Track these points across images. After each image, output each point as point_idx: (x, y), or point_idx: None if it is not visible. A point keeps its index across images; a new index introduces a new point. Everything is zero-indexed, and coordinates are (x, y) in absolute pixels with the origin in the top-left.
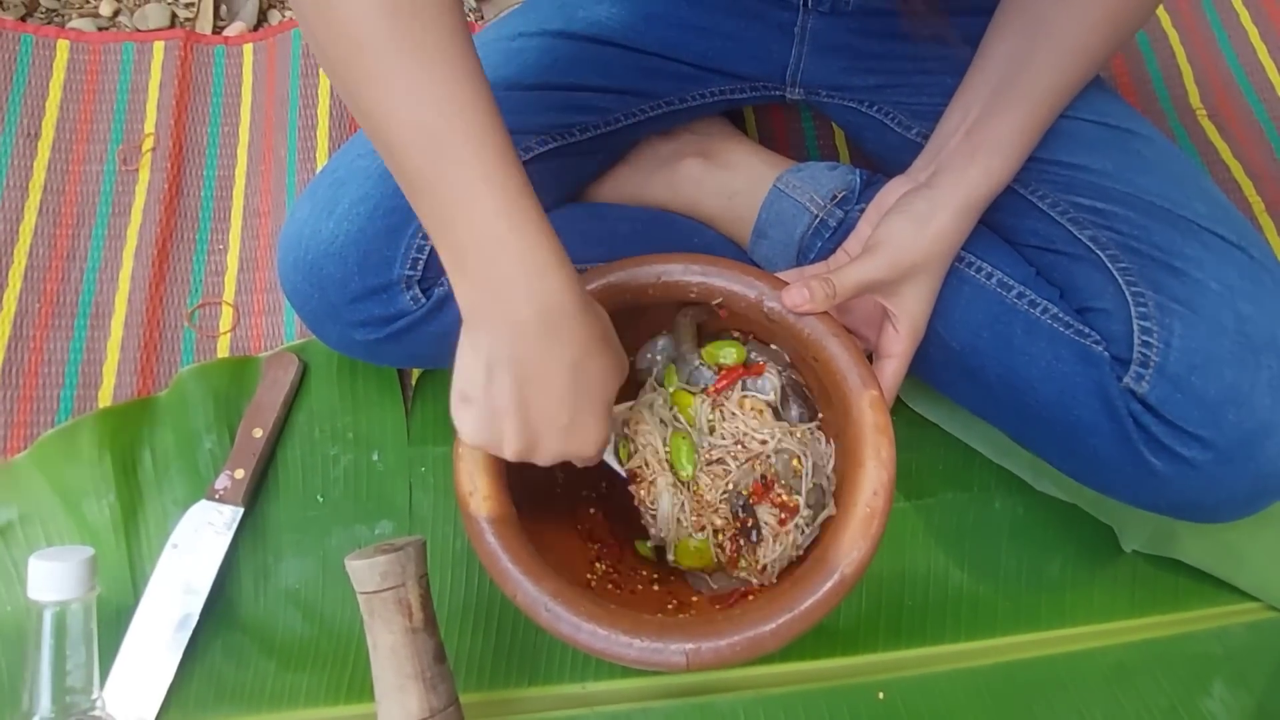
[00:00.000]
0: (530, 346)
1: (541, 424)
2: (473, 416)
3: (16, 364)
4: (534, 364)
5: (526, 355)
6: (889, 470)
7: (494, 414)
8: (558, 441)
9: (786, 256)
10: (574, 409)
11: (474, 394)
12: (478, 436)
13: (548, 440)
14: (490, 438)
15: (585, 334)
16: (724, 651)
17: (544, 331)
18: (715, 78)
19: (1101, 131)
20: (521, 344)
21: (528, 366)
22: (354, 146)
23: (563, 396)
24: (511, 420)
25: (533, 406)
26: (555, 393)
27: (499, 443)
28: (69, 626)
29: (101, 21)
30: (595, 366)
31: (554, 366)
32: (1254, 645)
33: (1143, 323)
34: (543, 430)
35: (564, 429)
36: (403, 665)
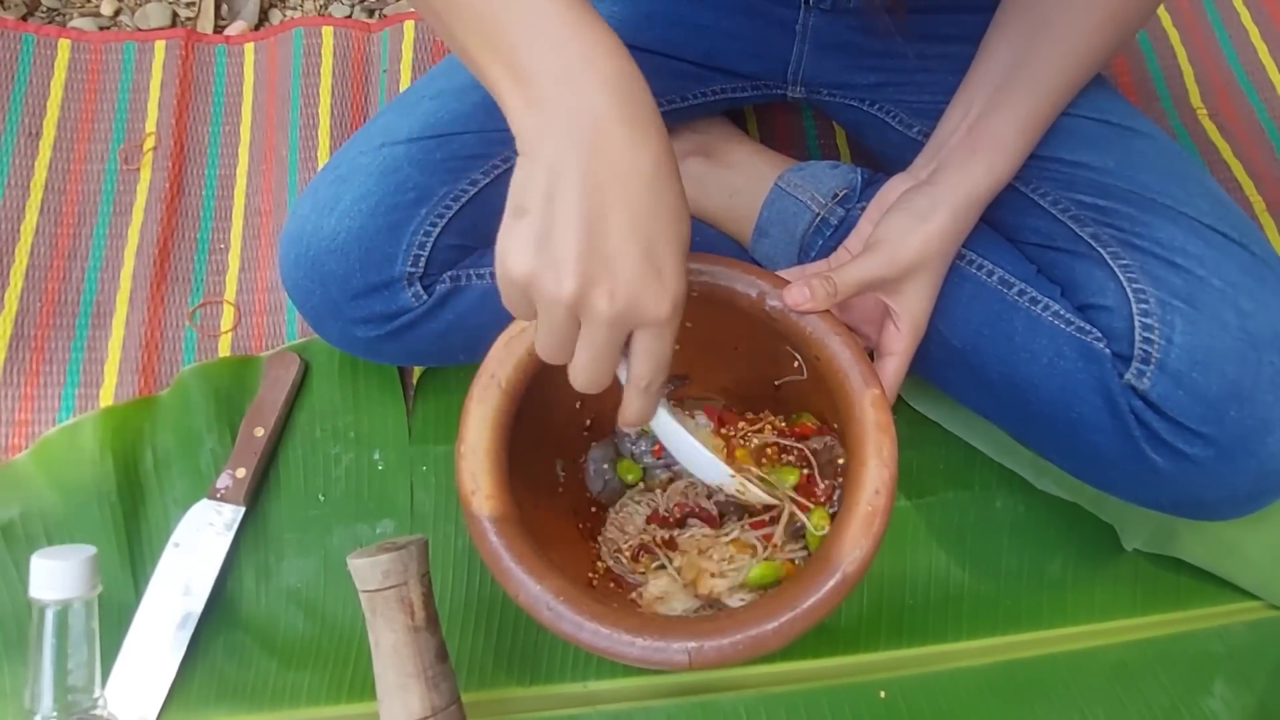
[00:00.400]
0: (606, 148)
1: (613, 244)
2: (527, 231)
3: (18, 363)
4: (611, 159)
5: (602, 148)
6: (891, 469)
7: (555, 225)
8: (629, 275)
9: (788, 255)
10: (651, 235)
11: (531, 203)
12: (528, 259)
13: (616, 271)
14: (544, 260)
15: (664, 138)
16: (726, 650)
17: (623, 118)
18: (716, 76)
19: (1102, 129)
20: (596, 147)
21: (603, 162)
22: (356, 144)
23: (641, 212)
24: (576, 233)
25: (605, 219)
26: (633, 204)
27: (555, 266)
28: (70, 625)
29: (103, 21)
30: (673, 192)
31: (633, 168)
32: (1255, 644)
33: (1144, 319)
34: (613, 254)
35: (639, 259)
36: (404, 664)
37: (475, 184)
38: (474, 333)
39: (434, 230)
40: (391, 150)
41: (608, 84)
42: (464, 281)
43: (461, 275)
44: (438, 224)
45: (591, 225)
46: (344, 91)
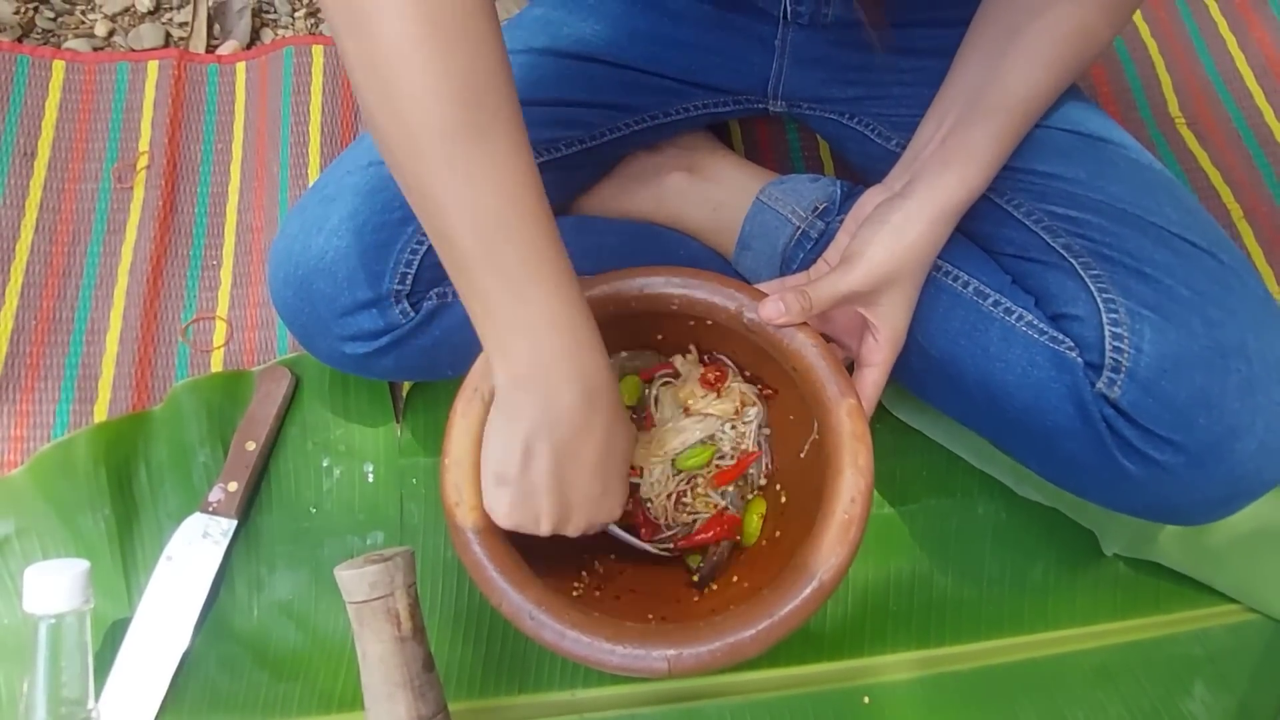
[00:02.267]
0: (569, 424)
1: (577, 497)
2: (509, 497)
3: (13, 379)
4: (573, 440)
5: (566, 433)
6: (866, 478)
7: (531, 493)
8: (589, 512)
9: (770, 267)
10: (605, 478)
11: (510, 475)
12: (513, 517)
13: (580, 511)
14: (526, 516)
15: (612, 404)
16: (705, 657)
17: (582, 406)
18: (698, 92)
19: (1075, 140)
20: (561, 423)
21: (567, 444)
22: (343, 164)
23: (596, 468)
24: (548, 498)
25: (569, 482)
26: (590, 466)
27: (536, 520)
28: (64, 638)
29: (96, 42)
30: (621, 434)
31: (589, 441)
32: (1234, 647)
33: (1114, 329)
34: (577, 503)
35: (596, 499)
36: (391, 674)
37: None
38: (460, 348)
39: (420, 248)
40: (379, 170)
41: (574, 379)
42: (450, 298)
43: (448, 292)
44: (424, 242)
45: (560, 488)
46: (334, 109)
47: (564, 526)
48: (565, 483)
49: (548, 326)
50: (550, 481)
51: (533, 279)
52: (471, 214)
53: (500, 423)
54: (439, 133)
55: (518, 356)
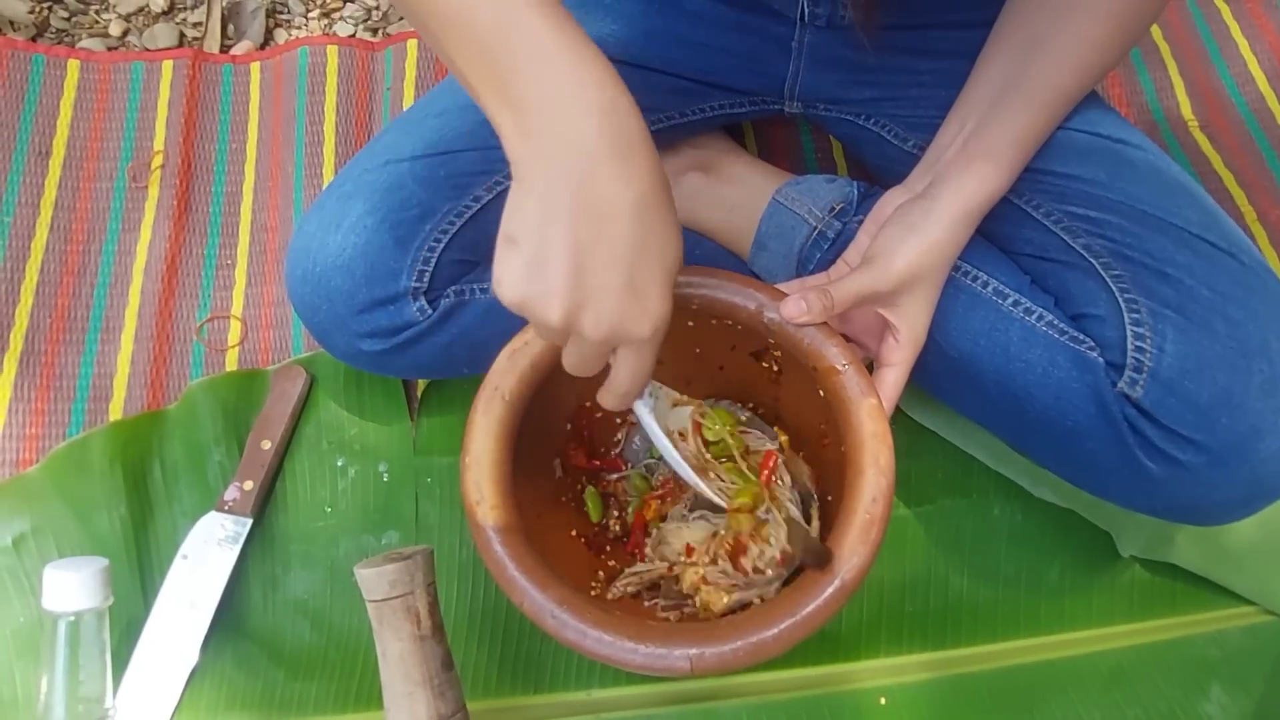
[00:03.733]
0: (595, 180)
1: (598, 275)
2: (518, 261)
3: (28, 378)
4: (598, 193)
5: (589, 189)
6: (888, 477)
7: (544, 256)
8: (611, 304)
9: (786, 268)
10: (634, 265)
11: (522, 234)
12: (519, 287)
13: (600, 299)
14: (534, 290)
15: (653, 168)
16: (727, 656)
17: (611, 150)
18: (714, 92)
19: (1094, 142)
20: (585, 177)
21: (590, 195)
22: (360, 162)
23: (625, 245)
24: (563, 265)
25: (591, 251)
26: (618, 237)
27: (544, 295)
28: (83, 636)
29: (111, 41)
30: (662, 216)
31: (619, 202)
32: (1251, 649)
33: (1136, 329)
34: (596, 286)
35: (619, 290)
36: (411, 672)
37: (478, 200)
38: (477, 346)
39: (438, 246)
40: (396, 167)
41: (597, 116)
42: (467, 296)
43: (465, 290)
44: (441, 240)
45: (578, 256)
46: (348, 109)
47: (578, 317)
48: (585, 250)
49: (550, 62)
50: (566, 241)
51: (526, 18)
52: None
53: (516, 188)
54: None
55: (524, 95)
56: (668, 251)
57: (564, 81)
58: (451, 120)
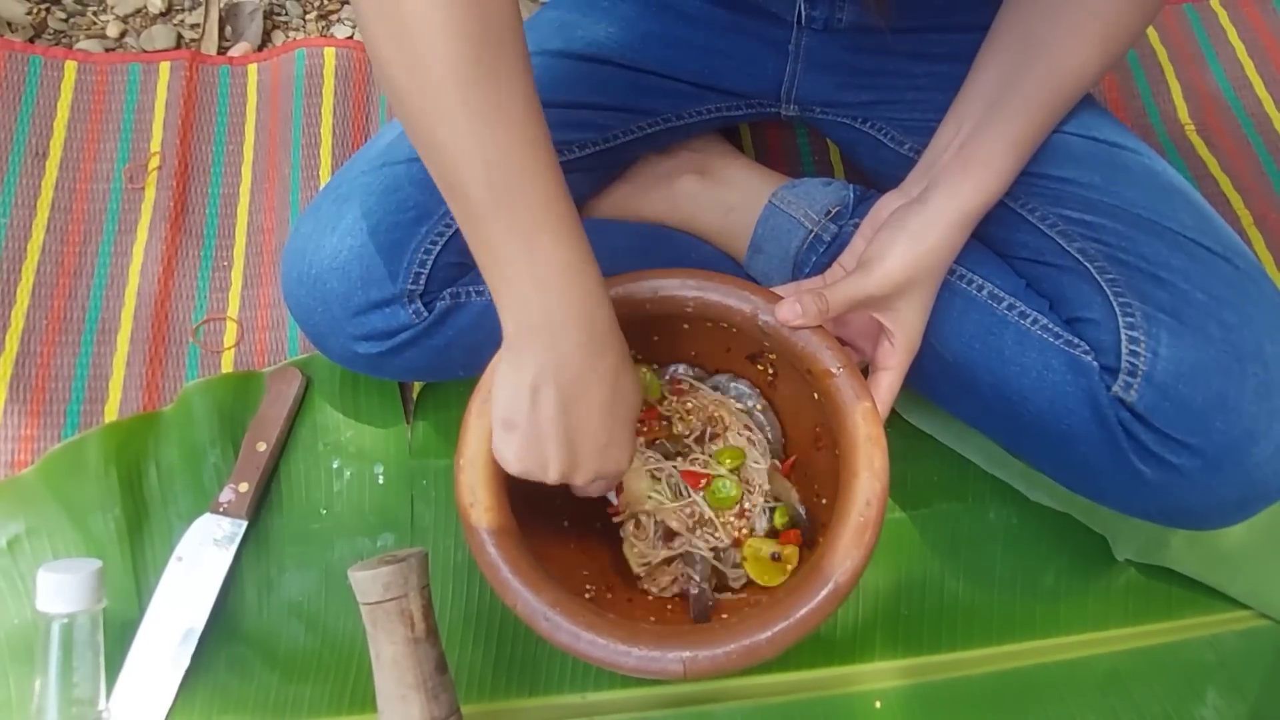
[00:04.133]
0: (576, 367)
1: (584, 443)
2: (518, 442)
3: (24, 379)
4: (579, 384)
5: (572, 376)
6: (882, 481)
7: (539, 437)
8: (596, 460)
9: (782, 271)
10: (612, 426)
11: (518, 419)
12: (523, 462)
13: (587, 459)
14: (535, 463)
15: (619, 351)
16: (721, 660)
17: (588, 353)
18: (711, 95)
19: (1089, 146)
20: (568, 366)
21: (573, 387)
22: (357, 164)
23: (604, 414)
24: (556, 441)
25: (576, 427)
26: (597, 411)
27: (544, 466)
28: (76, 638)
29: (108, 42)
30: (627, 382)
31: (596, 385)
32: (1247, 653)
33: (1130, 333)
34: (584, 449)
35: (603, 447)
36: (404, 675)
37: None
38: (473, 348)
39: (434, 248)
40: (392, 170)
41: (582, 325)
42: (463, 298)
43: (461, 292)
44: (438, 242)
45: (566, 433)
46: (345, 111)
47: (573, 474)
48: (572, 427)
49: (556, 275)
50: (558, 423)
51: (543, 227)
52: (483, 161)
53: (507, 369)
54: (453, 73)
55: (526, 305)
56: (631, 402)
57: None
58: None
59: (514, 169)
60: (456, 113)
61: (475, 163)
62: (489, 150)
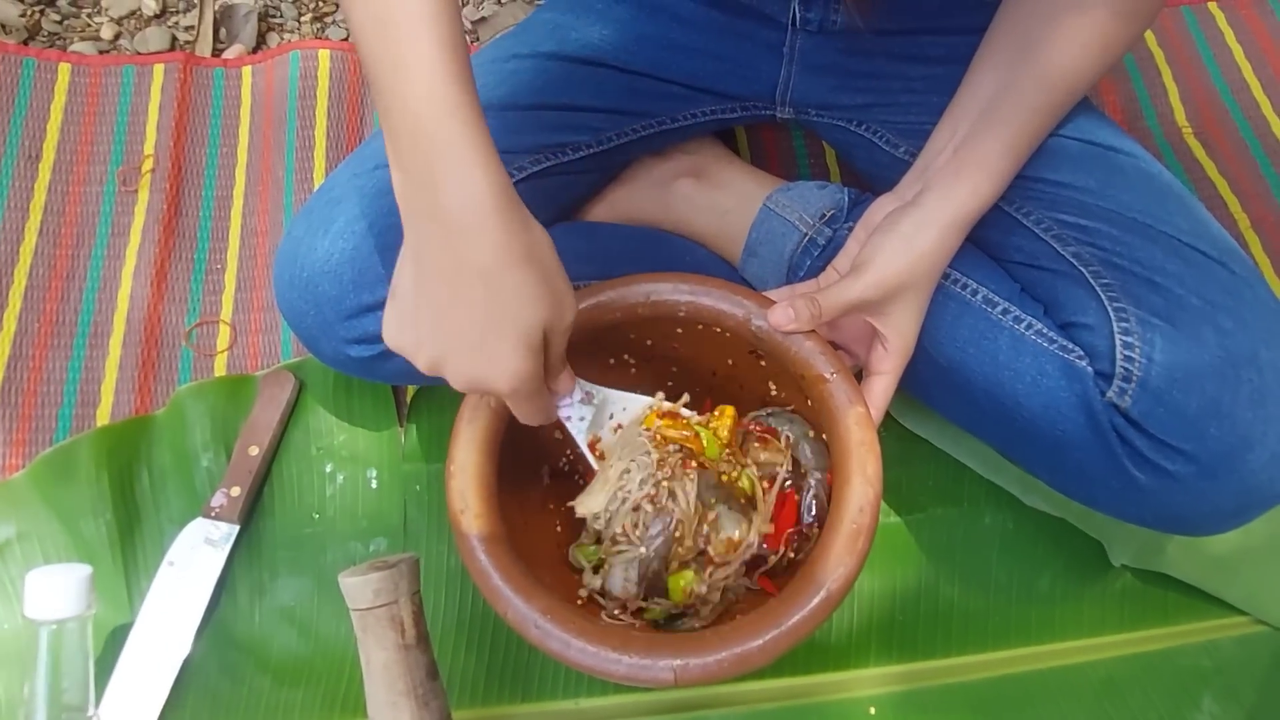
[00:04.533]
0: (446, 243)
1: (451, 335)
2: (394, 313)
3: (15, 383)
4: (448, 264)
5: (442, 253)
6: (875, 487)
7: (413, 313)
8: (466, 361)
9: (777, 274)
10: (484, 328)
11: (400, 291)
12: (396, 337)
13: (456, 357)
14: (405, 339)
15: (505, 242)
16: (712, 668)
17: (461, 229)
18: (706, 97)
19: (1085, 149)
20: (439, 239)
21: (442, 265)
22: (349, 166)
23: (473, 309)
24: (424, 323)
25: (444, 313)
26: (465, 303)
27: (413, 346)
28: (65, 644)
29: (102, 45)
30: (511, 283)
31: (466, 272)
32: (1243, 659)
33: (1125, 338)
34: (452, 343)
35: (473, 347)
36: (395, 682)
37: None
38: None
39: None
40: (385, 173)
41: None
42: None
43: None
44: None
45: (437, 317)
46: (339, 113)
47: (442, 368)
48: (440, 314)
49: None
50: (426, 307)
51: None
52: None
53: (404, 248)
54: None
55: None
56: (524, 311)
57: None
58: None
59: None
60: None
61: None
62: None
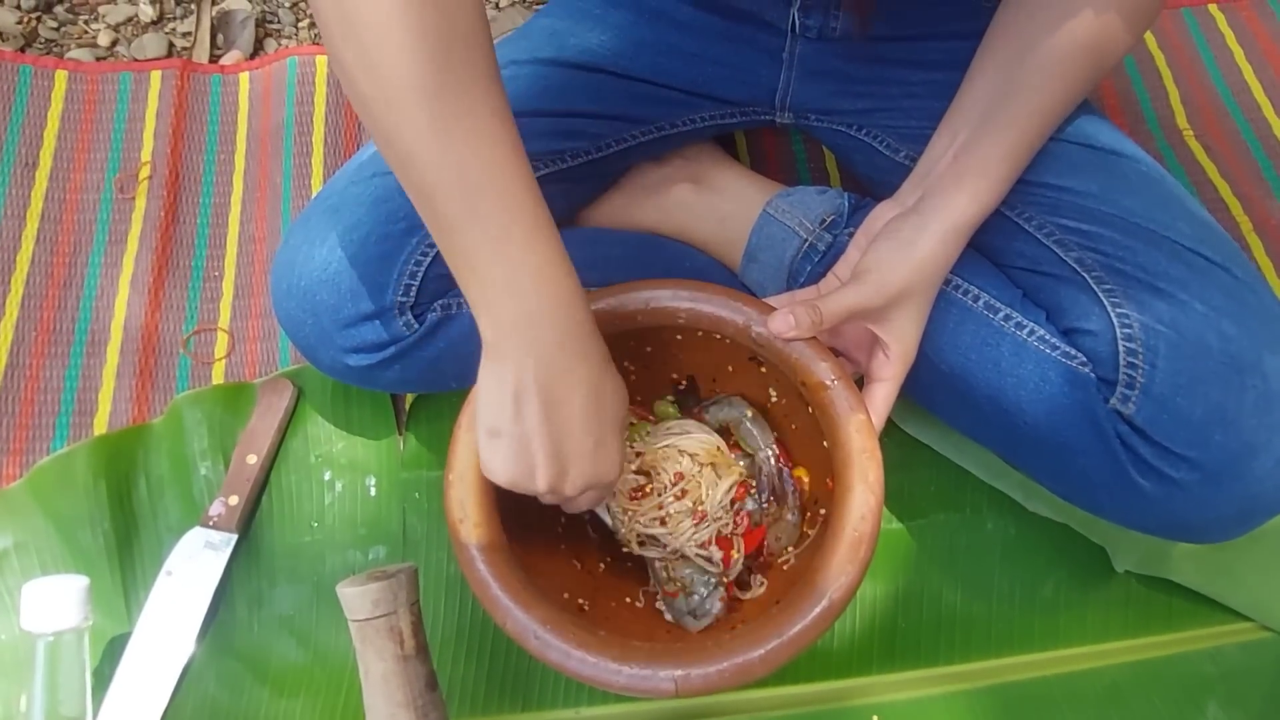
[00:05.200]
0: (556, 368)
1: (570, 447)
2: (504, 449)
3: (12, 391)
4: (561, 385)
5: (553, 378)
6: (877, 495)
7: (525, 444)
8: (586, 465)
9: (777, 280)
10: (599, 430)
11: (503, 426)
12: (510, 470)
13: (577, 465)
14: (522, 469)
15: (600, 355)
16: (713, 678)
17: (567, 354)
18: (705, 103)
19: (1087, 154)
20: (548, 367)
21: (556, 389)
22: (347, 174)
23: (587, 419)
24: (542, 447)
25: (562, 429)
26: (580, 415)
27: (532, 473)
28: (62, 656)
29: (99, 51)
30: (610, 387)
31: (578, 389)
32: (1248, 665)
33: (1128, 344)
34: (572, 454)
35: (590, 452)
36: (394, 693)
37: None
38: (465, 360)
39: (425, 260)
40: (383, 180)
41: (557, 326)
42: (454, 310)
43: (452, 304)
44: (429, 253)
45: (551, 438)
46: (337, 120)
47: (561, 481)
48: (558, 430)
49: (531, 280)
50: (543, 428)
51: (515, 236)
52: (454, 173)
53: (488, 378)
54: (418, 91)
55: (502, 312)
56: (617, 406)
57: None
58: None
59: (484, 179)
60: (421, 123)
61: (443, 171)
62: (456, 158)
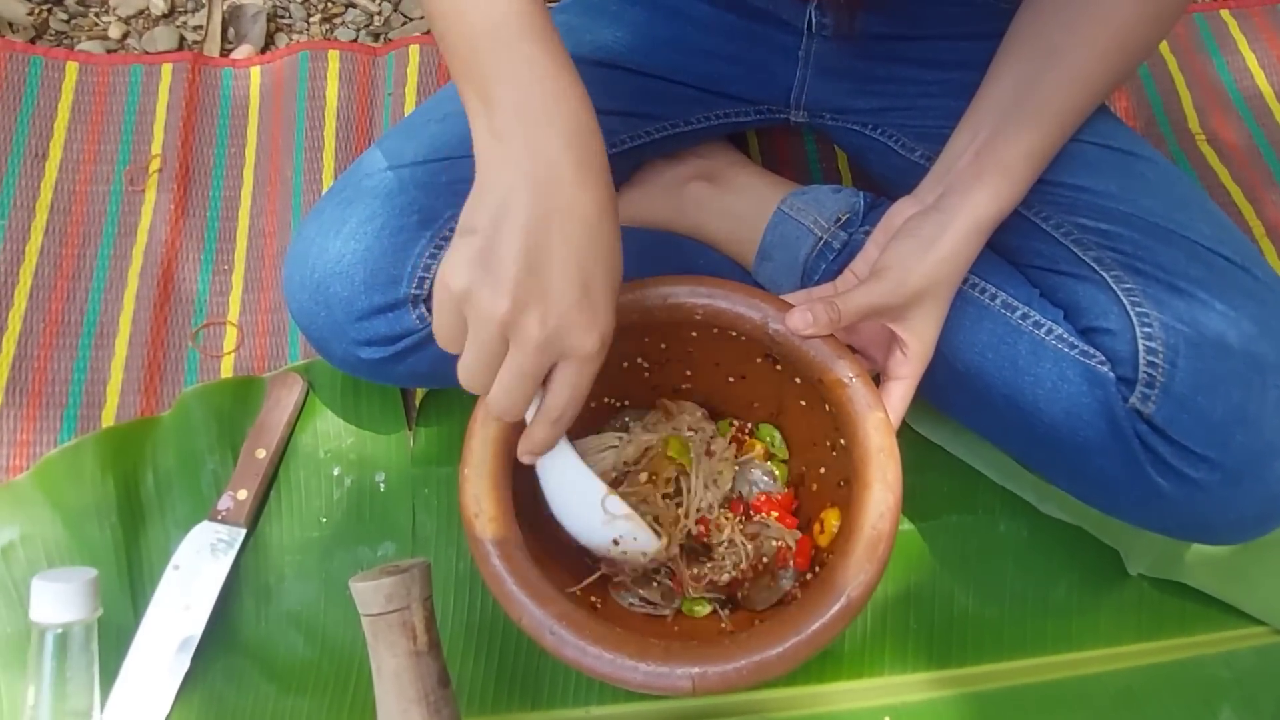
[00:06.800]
0: (558, 181)
1: (551, 275)
2: (471, 249)
3: (21, 383)
4: (557, 200)
5: (550, 189)
6: (895, 493)
7: (496, 248)
8: (562, 306)
9: (791, 278)
10: (587, 274)
11: (480, 225)
12: (468, 273)
13: (550, 299)
14: (481, 280)
15: (609, 190)
16: (730, 676)
17: (574, 165)
18: (720, 101)
19: (1105, 154)
20: (546, 176)
21: (550, 201)
22: (360, 167)
23: (579, 252)
24: (515, 258)
25: (546, 251)
26: (572, 244)
27: (490, 287)
28: (70, 648)
29: (110, 44)
30: (612, 235)
31: (577, 212)
32: (1262, 670)
33: (1148, 343)
34: (547, 285)
35: (571, 295)
36: (406, 689)
37: None
38: None
39: (439, 252)
40: (397, 173)
41: (564, 129)
42: None
43: None
44: (443, 246)
45: (533, 251)
46: (349, 114)
47: (524, 314)
48: (539, 251)
49: (528, 71)
50: (523, 240)
51: (508, 23)
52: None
53: (478, 184)
54: None
55: (501, 103)
56: (616, 268)
57: (538, 94)
58: (454, 125)
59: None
60: None
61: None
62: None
